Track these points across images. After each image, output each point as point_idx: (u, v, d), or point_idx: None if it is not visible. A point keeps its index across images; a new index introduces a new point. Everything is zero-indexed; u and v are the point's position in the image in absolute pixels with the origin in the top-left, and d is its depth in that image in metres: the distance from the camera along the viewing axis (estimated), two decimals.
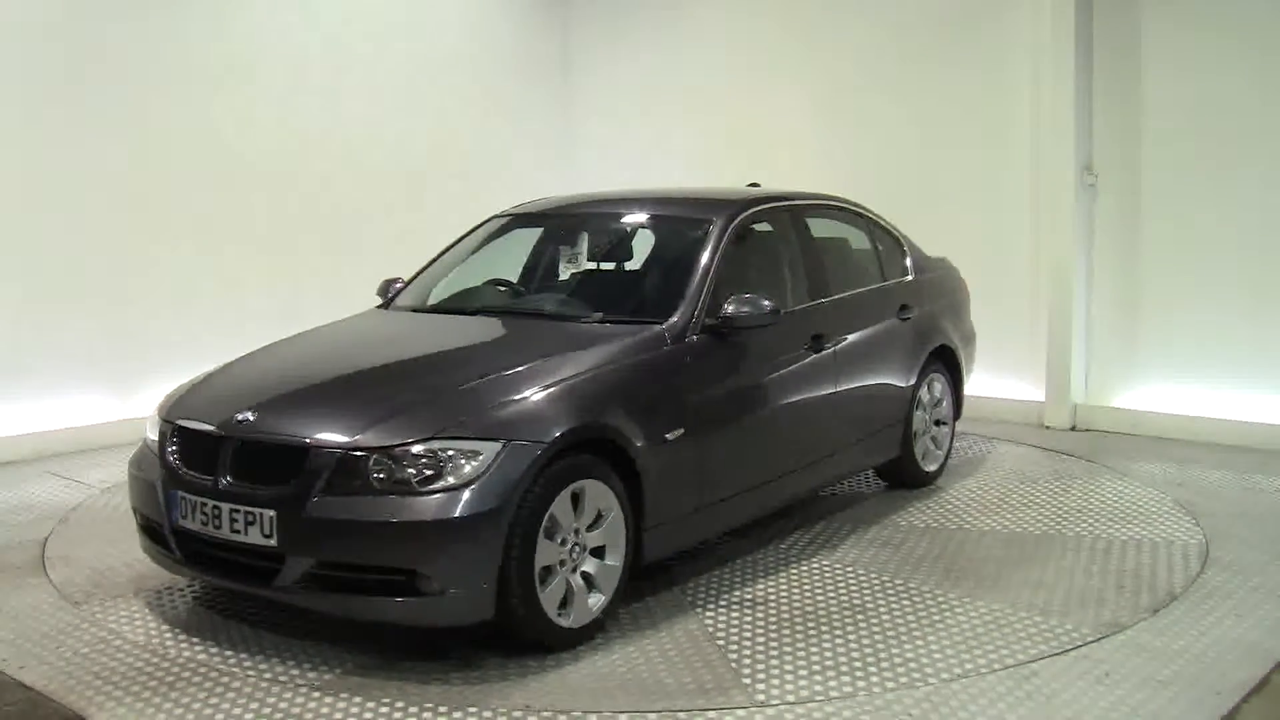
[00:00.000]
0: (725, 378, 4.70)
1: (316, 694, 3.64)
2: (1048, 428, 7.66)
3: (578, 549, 4.00)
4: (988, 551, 5.03)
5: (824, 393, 5.25)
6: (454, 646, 3.95)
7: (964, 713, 3.49)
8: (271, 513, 3.77)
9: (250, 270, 8.09)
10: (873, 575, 4.75)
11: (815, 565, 4.89)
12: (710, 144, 9.36)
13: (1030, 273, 7.82)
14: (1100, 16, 7.45)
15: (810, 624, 4.22)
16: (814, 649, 3.98)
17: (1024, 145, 7.82)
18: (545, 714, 3.50)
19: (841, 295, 5.54)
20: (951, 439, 6.42)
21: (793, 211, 5.55)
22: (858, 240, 6.08)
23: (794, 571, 4.81)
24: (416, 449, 3.72)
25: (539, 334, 4.75)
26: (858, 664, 3.85)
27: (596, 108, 10.21)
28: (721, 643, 4.05)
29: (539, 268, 5.68)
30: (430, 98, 9.25)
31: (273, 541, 3.78)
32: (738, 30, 9.28)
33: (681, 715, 3.49)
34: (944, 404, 6.28)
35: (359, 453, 3.74)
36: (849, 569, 4.83)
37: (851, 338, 5.45)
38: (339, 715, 3.50)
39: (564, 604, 3.95)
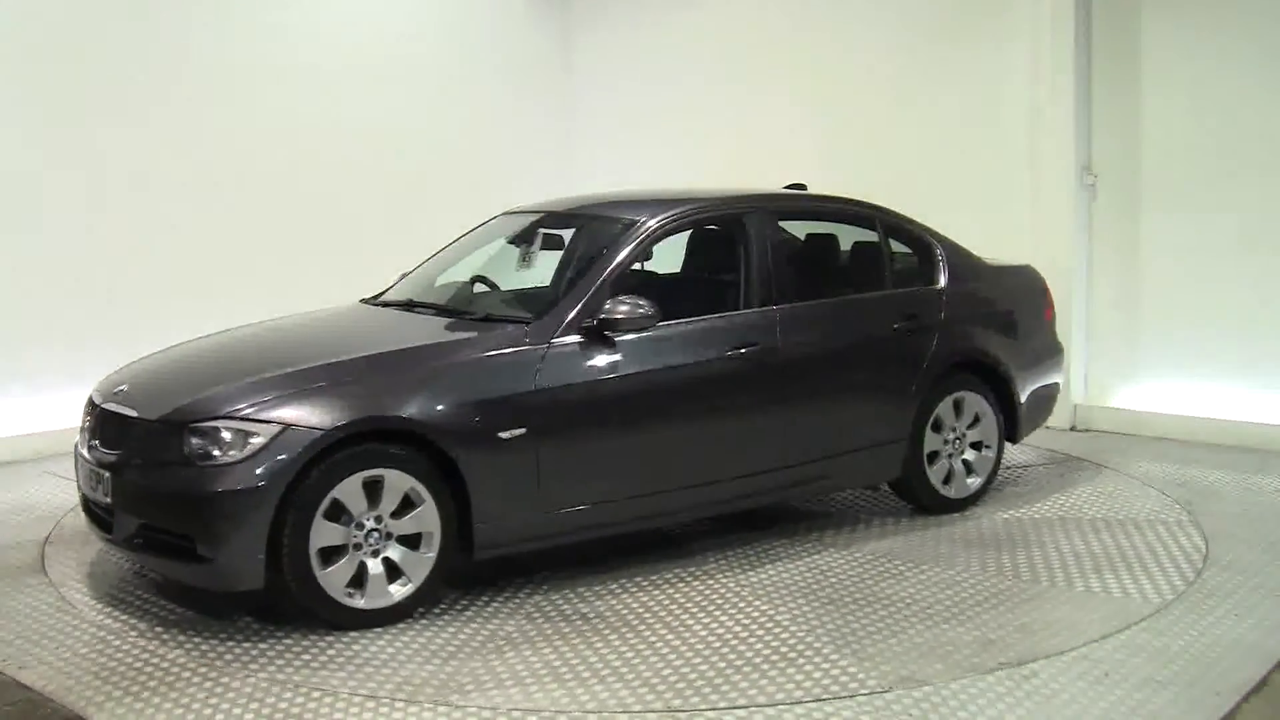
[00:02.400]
0: (597, 380, 4.57)
1: (317, 694, 3.65)
2: (1047, 428, 7.63)
3: (376, 535, 4.16)
4: (901, 588, 4.56)
5: (756, 404, 4.97)
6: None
7: (964, 712, 3.49)
8: (108, 475, 4.29)
9: (251, 270, 8.06)
10: (751, 600, 4.44)
11: (711, 583, 4.62)
12: (711, 144, 9.32)
13: None
14: (1100, 17, 7.44)
15: (610, 637, 4.09)
16: (571, 662, 3.89)
17: (1024, 145, 7.82)
18: (264, 675, 3.79)
19: (807, 302, 5.22)
20: (996, 464, 5.80)
21: (763, 214, 5.23)
22: (864, 245, 5.81)
23: (679, 587, 4.58)
24: (203, 427, 4.08)
25: (416, 329, 4.83)
26: (592, 678, 3.75)
27: (598, 107, 10.19)
28: (505, 645, 4.03)
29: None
30: (430, 98, 9.23)
31: (109, 500, 4.29)
32: (739, 31, 9.26)
33: (355, 707, 3.54)
34: (982, 425, 5.73)
35: (160, 427, 4.18)
36: (737, 590, 4.55)
37: (808, 346, 5.14)
38: (339, 715, 3.51)
39: (359, 585, 4.14)
